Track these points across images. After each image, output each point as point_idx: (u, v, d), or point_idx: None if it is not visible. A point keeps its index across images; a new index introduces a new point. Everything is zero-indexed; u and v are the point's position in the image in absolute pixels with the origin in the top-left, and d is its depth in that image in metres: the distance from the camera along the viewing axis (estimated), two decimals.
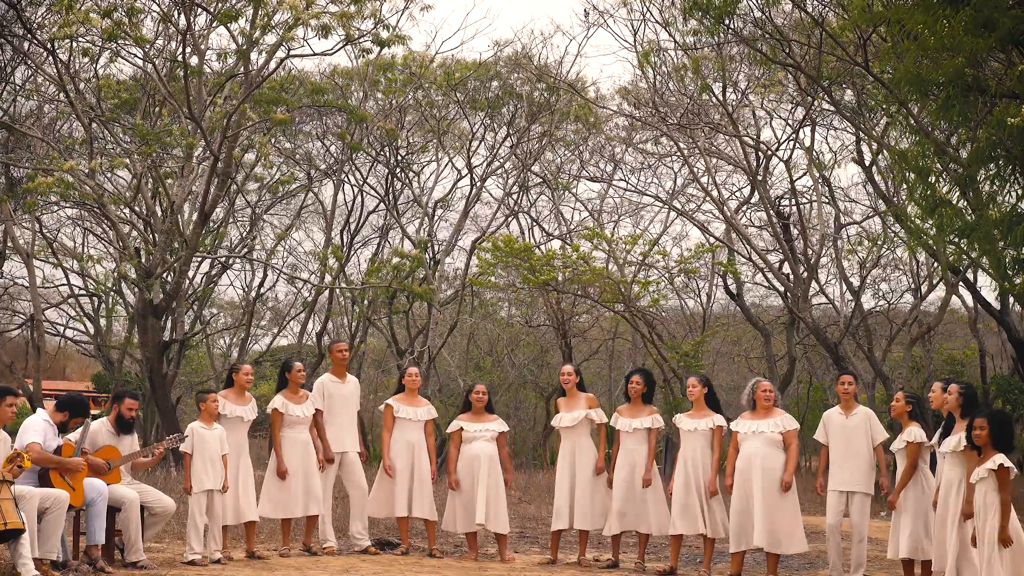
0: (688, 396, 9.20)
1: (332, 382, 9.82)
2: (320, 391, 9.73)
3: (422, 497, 9.55)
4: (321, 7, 15.31)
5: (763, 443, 8.60)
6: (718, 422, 8.95)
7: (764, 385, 8.85)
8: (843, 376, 8.90)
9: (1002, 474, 6.61)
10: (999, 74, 11.58)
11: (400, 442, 9.62)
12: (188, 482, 8.62)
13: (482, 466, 9.38)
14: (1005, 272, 11.82)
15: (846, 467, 8.52)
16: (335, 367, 9.95)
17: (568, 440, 9.48)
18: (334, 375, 9.89)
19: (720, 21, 15.18)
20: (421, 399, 9.91)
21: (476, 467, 9.39)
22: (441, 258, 24.98)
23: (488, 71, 23.07)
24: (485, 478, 9.35)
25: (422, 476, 9.56)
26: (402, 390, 9.85)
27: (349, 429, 9.78)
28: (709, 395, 9.13)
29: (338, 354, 10.02)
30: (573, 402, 9.58)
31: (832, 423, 8.71)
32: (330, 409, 9.70)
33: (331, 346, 10.45)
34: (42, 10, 18.06)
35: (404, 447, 9.60)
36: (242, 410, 9.15)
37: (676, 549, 9.06)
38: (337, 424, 9.70)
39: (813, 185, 22.88)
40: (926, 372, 26.30)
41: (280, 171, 24.12)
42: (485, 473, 9.37)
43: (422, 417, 9.74)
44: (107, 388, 28.98)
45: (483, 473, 9.36)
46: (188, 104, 16.13)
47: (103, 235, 25.23)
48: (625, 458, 9.21)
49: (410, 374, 9.93)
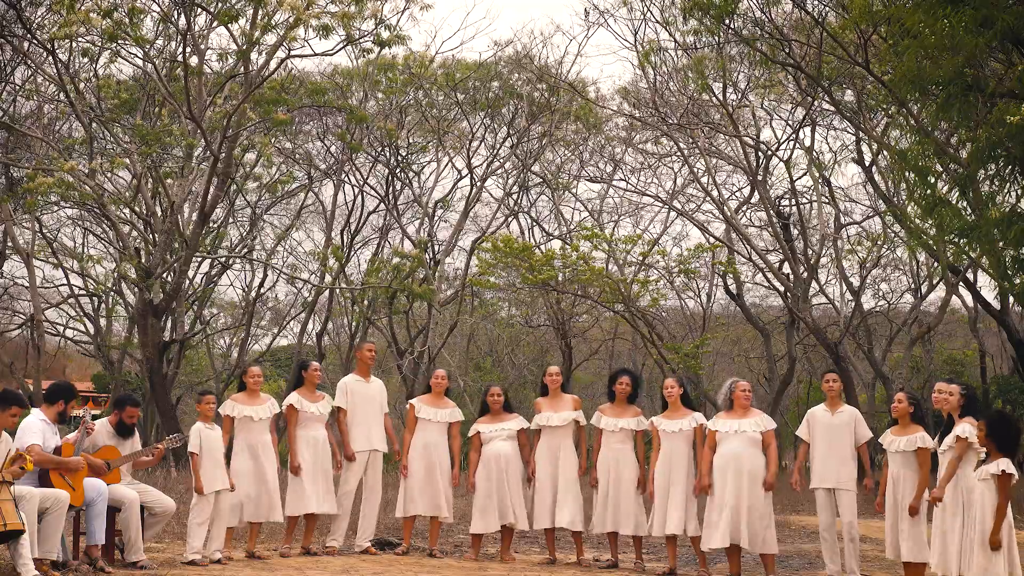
0: (667, 397, 9.17)
1: (356, 382, 9.81)
2: (344, 390, 9.73)
3: (436, 495, 9.51)
4: (321, 7, 15.31)
5: (744, 443, 8.59)
6: (700, 420, 8.96)
7: (742, 384, 8.85)
8: (828, 374, 8.92)
9: (1003, 480, 6.62)
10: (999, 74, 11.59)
11: (418, 442, 9.61)
12: (199, 482, 8.60)
13: (500, 466, 9.36)
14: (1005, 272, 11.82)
15: (830, 465, 8.53)
16: (360, 367, 9.95)
17: (551, 440, 9.43)
18: (359, 375, 9.88)
19: (720, 21, 15.19)
20: (447, 401, 9.85)
21: (494, 468, 9.37)
22: (441, 258, 24.99)
23: (488, 71, 23.08)
24: (505, 477, 9.34)
25: (443, 477, 9.54)
26: (429, 391, 9.86)
27: (377, 428, 9.77)
28: (684, 395, 9.15)
29: (367, 354, 10.02)
30: (557, 403, 9.56)
31: (817, 421, 8.71)
32: (355, 408, 9.70)
33: (361, 346, 10.47)
34: (42, 10, 18.07)
35: (421, 448, 9.58)
36: (251, 410, 9.14)
37: (673, 550, 9.06)
38: (366, 423, 9.69)
39: (813, 185, 22.90)
40: (926, 372, 26.32)
41: (280, 171, 24.13)
42: (504, 472, 9.35)
43: (443, 419, 9.69)
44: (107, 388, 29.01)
45: (502, 473, 9.34)
46: (188, 104, 16.13)
47: (103, 235, 25.26)
48: (608, 458, 9.20)
49: (437, 376, 9.92)
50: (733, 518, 8.45)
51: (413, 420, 9.67)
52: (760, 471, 8.54)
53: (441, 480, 9.51)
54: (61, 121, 21.89)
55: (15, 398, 7.74)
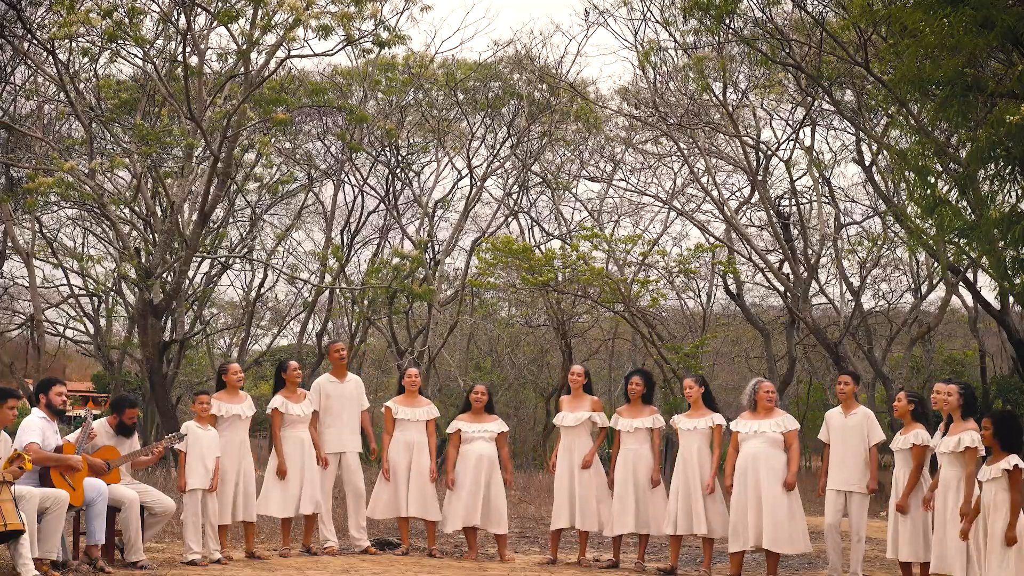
0: (686, 397, 9.22)
1: (330, 382, 9.82)
2: (317, 391, 9.74)
3: (423, 497, 9.54)
4: (321, 7, 15.30)
5: (765, 443, 8.61)
6: (717, 421, 8.97)
7: (766, 385, 8.87)
8: (841, 376, 8.94)
9: (1015, 475, 6.63)
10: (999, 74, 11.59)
11: (399, 442, 9.63)
12: (182, 480, 8.65)
13: (481, 467, 9.39)
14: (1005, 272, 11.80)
15: (844, 467, 8.53)
16: (334, 367, 9.96)
17: (568, 439, 9.49)
18: (333, 375, 9.89)
19: (720, 21, 15.19)
20: (422, 399, 9.90)
21: (474, 468, 9.39)
22: (441, 258, 24.98)
23: (488, 71, 23.08)
24: (484, 479, 9.37)
25: (422, 476, 9.56)
26: (403, 391, 9.86)
27: (350, 429, 9.77)
28: (706, 395, 9.16)
29: (335, 355, 10.03)
30: (577, 402, 9.60)
31: (833, 423, 8.73)
32: (328, 409, 9.70)
33: (329, 347, 10.45)
34: (42, 10, 18.05)
35: (403, 447, 9.61)
36: (238, 408, 9.14)
37: (676, 549, 9.07)
38: (337, 424, 9.70)
39: (813, 185, 22.90)
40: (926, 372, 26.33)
41: (280, 171, 24.12)
42: (484, 474, 9.38)
43: (421, 417, 9.73)
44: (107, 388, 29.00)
45: (482, 474, 9.37)
46: (188, 104, 16.12)
47: (103, 235, 25.25)
48: (625, 458, 9.22)
49: (409, 375, 9.94)
50: (755, 520, 8.46)
51: (391, 422, 9.69)
52: (779, 471, 8.54)
53: (427, 480, 9.53)
54: (61, 121, 21.88)
55: (8, 391, 7.76)
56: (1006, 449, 6.74)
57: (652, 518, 9.12)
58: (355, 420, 9.82)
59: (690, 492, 8.84)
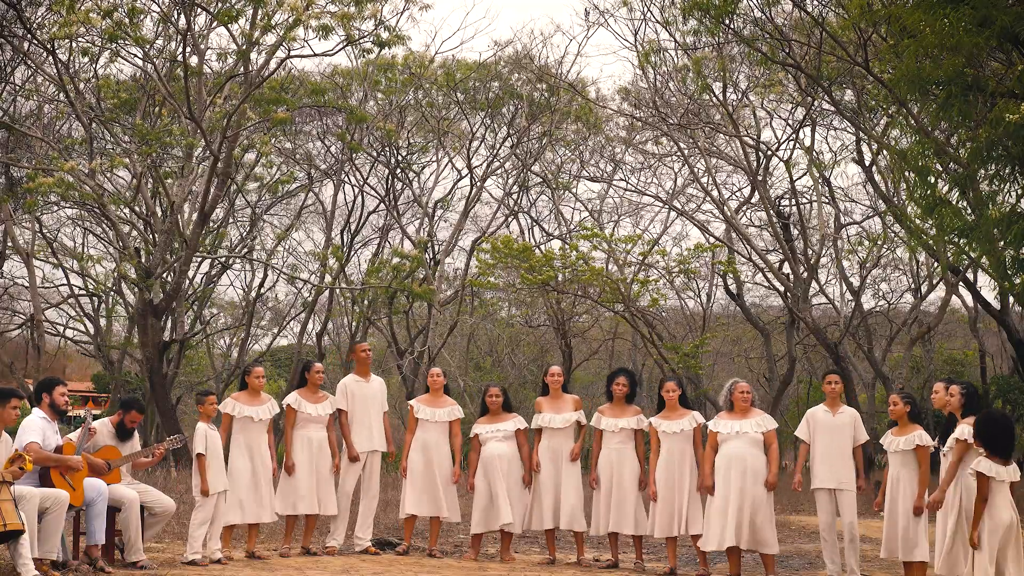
0: (666, 400, 9.15)
1: (355, 382, 9.79)
2: (343, 392, 9.72)
3: (442, 497, 9.51)
4: (321, 7, 15.32)
5: (746, 443, 8.60)
6: (699, 420, 8.98)
7: (742, 386, 8.86)
8: (829, 375, 8.94)
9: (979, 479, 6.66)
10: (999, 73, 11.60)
11: (417, 442, 9.61)
12: (205, 484, 8.58)
13: (493, 468, 9.36)
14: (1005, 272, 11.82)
15: (832, 465, 8.53)
16: (359, 367, 9.92)
17: (552, 440, 9.44)
18: (358, 375, 9.86)
19: (720, 21, 15.20)
20: (446, 399, 9.83)
21: (490, 469, 9.37)
22: (441, 258, 24.99)
23: (488, 71, 23.08)
24: (501, 478, 9.33)
25: (443, 476, 9.54)
26: (427, 391, 9.85)
27: (378, 428, 9.75)
28: (682, 395, 9.16)
29: (362, 354, 9.96)
30: (559, 403, 9.56)
31: (818, 421, 8.71)
32: (354, 409, 9.68)
33: (355, 346, 10.40)
34: (42, 10, 18.06)
35: (420, 448, 9.59)
36: (252, 410, 9.13)
37: (674, 550, 9.06)
38: (367, 424, 9.67)
39: (813, 185, 22.91)
40: (926, 372, 26.32)
41: (280, 171, 24.13)
42: (500, 473, 9.34)
43: (442, 418, 9.68)
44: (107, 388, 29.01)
45: (498, 474, 9.34)
46: (188, 104, 16.13)
47: (103, 235, 25.26)
48: (608, 458, 9.20)
49: (432, 374, 9.90)
50: (735, 519, 8.45)
51: (413, 421, 9.68)
52: (761, 471, 8.54)
53: (441, 480, 9.51)
54: (61, 121, 21.90)
55: (11, 391, 7.75)
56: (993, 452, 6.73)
57: (636, 519, 9.10)
58: (380, 420, 9.80)
59: (674, 494, 8.82)
